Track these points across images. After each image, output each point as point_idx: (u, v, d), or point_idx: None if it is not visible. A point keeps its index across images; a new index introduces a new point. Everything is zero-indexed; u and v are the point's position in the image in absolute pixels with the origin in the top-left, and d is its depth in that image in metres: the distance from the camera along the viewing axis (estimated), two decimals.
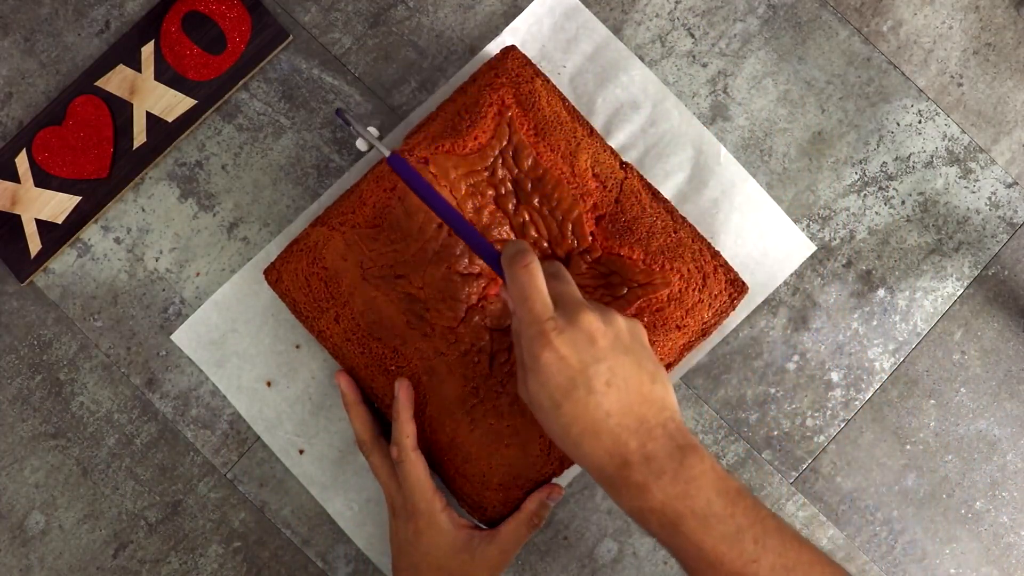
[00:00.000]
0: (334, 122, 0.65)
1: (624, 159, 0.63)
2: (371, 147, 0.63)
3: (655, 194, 0.61)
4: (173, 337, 0.65)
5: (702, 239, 0.61)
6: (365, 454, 0.58)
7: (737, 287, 0.61)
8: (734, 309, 0.61)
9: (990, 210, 0.66)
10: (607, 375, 0.46)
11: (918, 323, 0.66)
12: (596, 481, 0.48)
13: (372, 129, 0.57)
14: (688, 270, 0.60)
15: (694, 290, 0.60)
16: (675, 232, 0.60)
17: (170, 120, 0.65)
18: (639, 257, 0.60)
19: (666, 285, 0.59)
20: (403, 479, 0.56)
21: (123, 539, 0.65)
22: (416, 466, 0.56)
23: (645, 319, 0.59)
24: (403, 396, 0.58)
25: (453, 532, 0.56)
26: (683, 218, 0.61)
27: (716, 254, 0.61)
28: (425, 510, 0.56)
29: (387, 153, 0.55)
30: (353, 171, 0.65)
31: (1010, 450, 0.66)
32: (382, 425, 0.62)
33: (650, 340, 0.59)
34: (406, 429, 0.57)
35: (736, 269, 0.64)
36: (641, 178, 0.61)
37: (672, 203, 0.62)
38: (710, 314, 0.60)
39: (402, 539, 0.57)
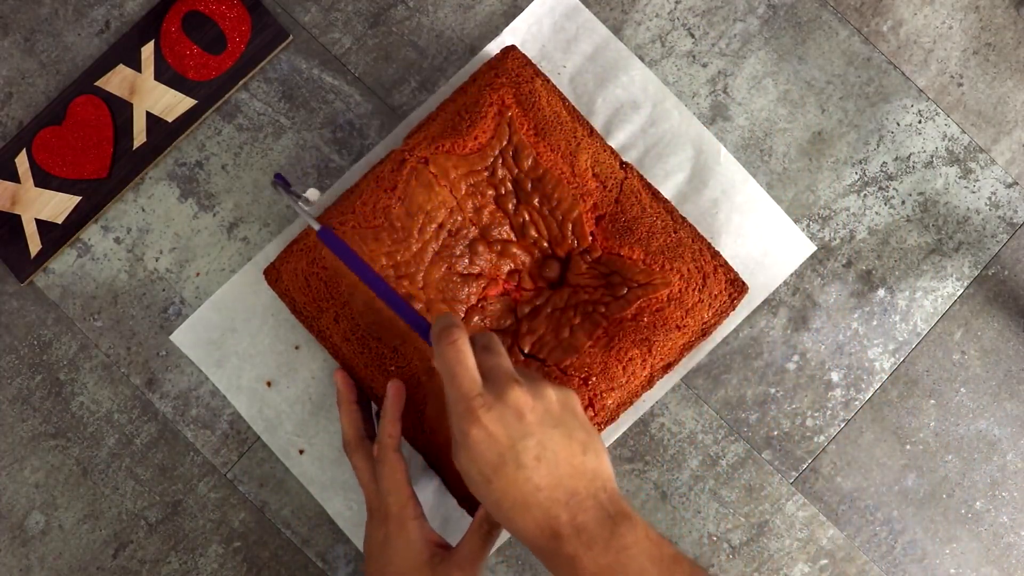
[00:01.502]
0: (271, 186, 0.65)
1: (624, 159, 0.63)
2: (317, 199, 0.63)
3: (655, 194, 0.61)
4: (173, 337, 0.65)
5: (702, 239, 0.61)
6: (348, 453, 0.58)
7: (737, 287, 0.61)
8: (734, 309, 0.61)
9: (990, 210, 0.66)
10: (536, 450, 0.46)
11: (918, 323, 0.66)
12: (532, 553, 0.48)
13: (313, 191, 0.57)
14: (688, 270, 0.60)
15: (694, 290, 0.60)
16: (675, 232, 0.60)
17: (170, 120, 0.65)
18: (639, 257, 0.60)
19: (666, 285, 0.59)
20: (380, 479, 0.56)
21: (123, 539, 0.65)
22: (395, 468, 0.56)
23: (645, 319, 0.59)
24: (392, 396, 0.57)
25: (419, 544, 0.55)
26: (683, 218, 0.61)
27: (716, 254, 0.61)
28: (397, 515, 0.55)
29: (317, 227, 0.55)
30: (353, 171, 0.65)
31: (1010, 450, 0.66)
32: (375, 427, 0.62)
33: (650, 340, 0.59)
34: (390, 429, 0.56)
35: (736, 269, 0.64)
36: (641, 178, 0.61)
37: (672, 203, 0.62)
38: (710, 314, 0.60)
39: (372, 543, 0.56)
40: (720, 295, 0.60)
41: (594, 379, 0.59)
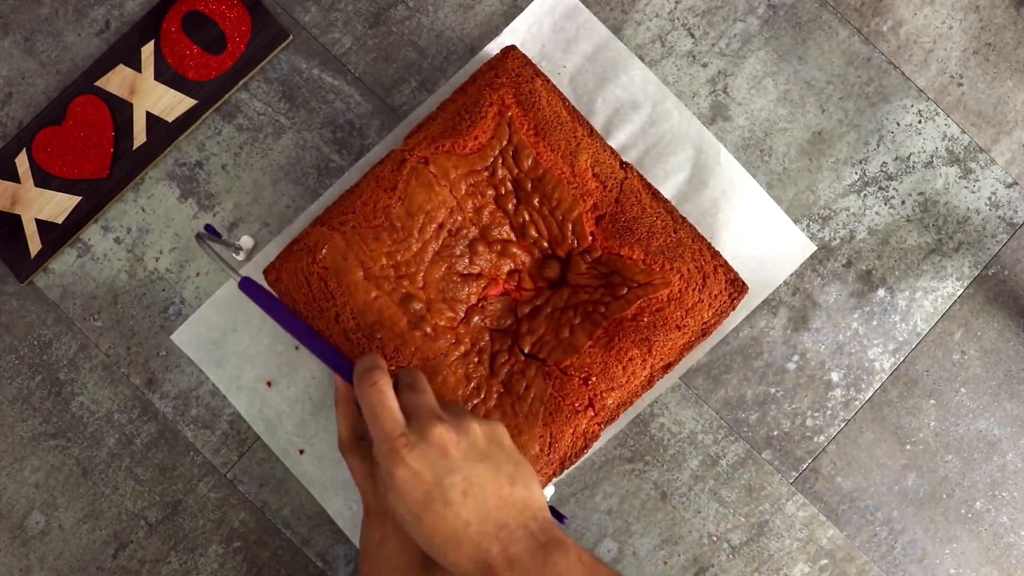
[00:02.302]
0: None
1: (624, 159, 0.63)
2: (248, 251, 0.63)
3: (655, 194, 0.61)
4: (173, 337, 0.65)
5: (702, 239, 0.61)
6: (344, 452, 0.58)
7: (737, 287, 0.61)
8: (734, 309, 0.61)
9: (990, 210, 0.66)
10: (463, 485, 0.47)
11: (918, 323, 0.66)
12: None
13: (247, 239, 0.57)
14: (688, 270, 0.60)
15: (694, 290, 0.60)
16: (675, 232, 0.60)
17: (170, 120, 0.65)
18: (639, 257, 0.60)
19: (666, 285, 0.59)
20: (379, 478, 0.56)
21: (123, 539, 0.65)
22: None
23: (645, 319, 0.59)
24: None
25: (415, 544, 0.55)
26: (683, 218, 0.61)
27: (716, 254, 0.61)
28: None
29: (237, 278, 0.55)
30: (353, 171, 0.65)
31: (1010, 450, 0.66)
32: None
33: (650, 340, 0.59)
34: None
35: (736, 269, 0.64)
36: (641, 178, 0.61)
37: (672, 203, 0.62)
38: (710, 314, 0.60)
39: (369, 543, 0.56)
40: (720, 295, 0.60)
41: (594, 379, 0.59)
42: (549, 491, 0.63)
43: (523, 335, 0.60)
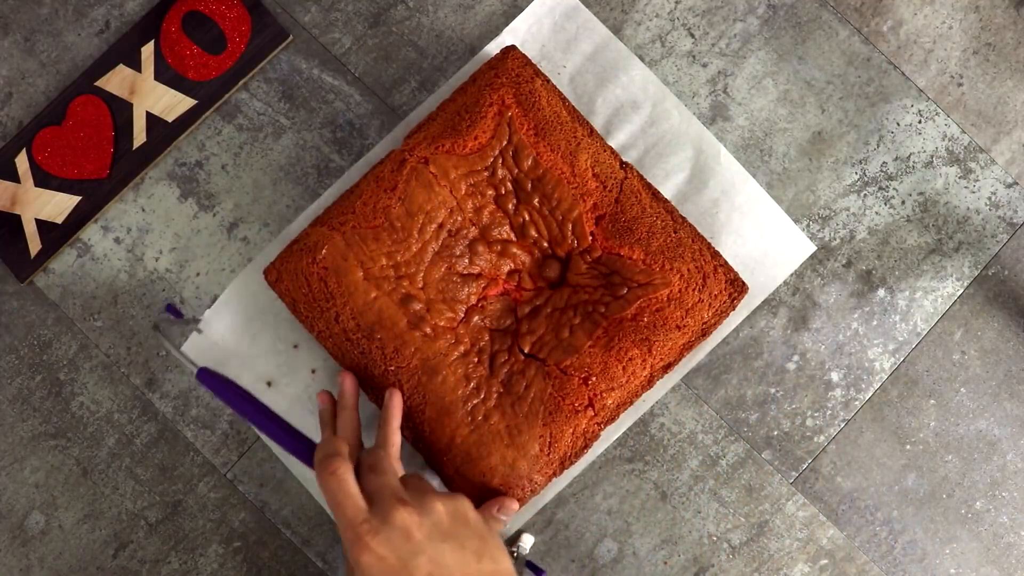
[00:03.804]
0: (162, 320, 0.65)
1: (624, 159, 0.63)
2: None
3: (655, 194, 0.61)
4: None
5: (702, 239, 0.61)
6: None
7: (737, 287, 0.61)
8: (734, 309, 0.61)
9: (990, 210, 0.66)
10: (428, 566, 0.47)
11: (918, 323, 0.66)
12: None
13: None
14: (688, 270, 0.60)
15: (694, 290, 0.60)
16: (675, 232, 0.60)
17: (170, 120, 0.65)
18: (639, 257, 0.60)
19: (666, 285, 0.59)
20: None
21: (123, 539, 0.65)
22: (396, 476, 0.55)
23: (645, 319, 0.59)
24: (394, 406, 0.57)
25: None
26: (683, 218, 0.61)
27: (716, 254, 0.61)
28: None
29: (195, 369, 0.56)
30: (353, 171, 0.65)
31: (1010, 450, 0.66)
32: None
33: (650, 340, 0.59)
34: (393, 438, 0.57)
35: (736, 269, 0.64)
36: (641, 178, 0.61)
37: (672, 203, 0.62)
38: (710, 314, 0.60)
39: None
40: (720, 295, 0.60)
41: (594, 379, 0.59)
42: (528, 541, 0.63)
43: (523, 335, 0.60)
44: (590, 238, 0.61)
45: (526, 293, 0.62)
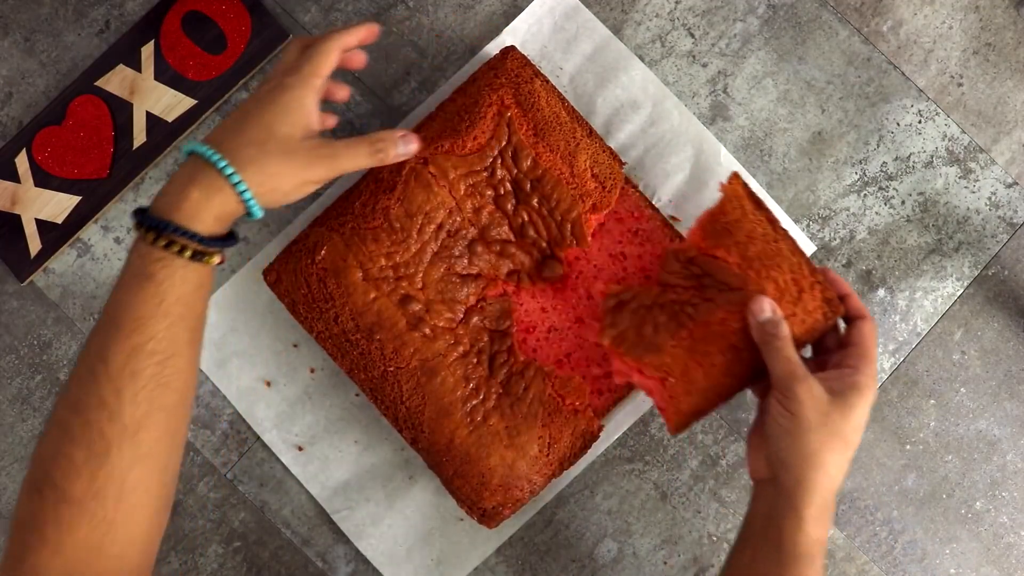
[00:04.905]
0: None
1: (624, 159, 0.63)
2: None
3: (758, 203, 0.56)
4: None
5: (802, 253, 0.55)
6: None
7: (833, 307, 0.54)
8: (828, 330, 0.55)
9: (990, 210, 0.66)
10: None
11: (918, 323, 0.66)
12: None
13: None
14: (784, 281, 0.54)
15: (788, 302, 0.54)
16: (775, 241, 0.55)
17: (170, 120, 0.65)
18: (735, 261, 0.55)
19: (760, 292, 0.53)
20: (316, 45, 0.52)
21: None
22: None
23: (734, 325, 0.54)
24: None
25: (310, 109, 0.51)
26: (785, 231, 0.56)
27: (815, 271, 0.55)
28: (308, 73, 0.51)
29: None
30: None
31: (1010, 450, 0.66)
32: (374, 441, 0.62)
33: (737, 347, 0.54)
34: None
35: None
36: (745, 186, 0.56)
37: (773, 214, 0.56)
38: (802, 330, 0.54)
39: (254, 95, 0.51)
40: (815, 312, 0.54)
41: (672, 380, 0.55)
42: None
43: (605, 328, 0.57)
44: (590, 239, 0.60)
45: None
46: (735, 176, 0.56)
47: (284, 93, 0.50)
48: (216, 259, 0.47)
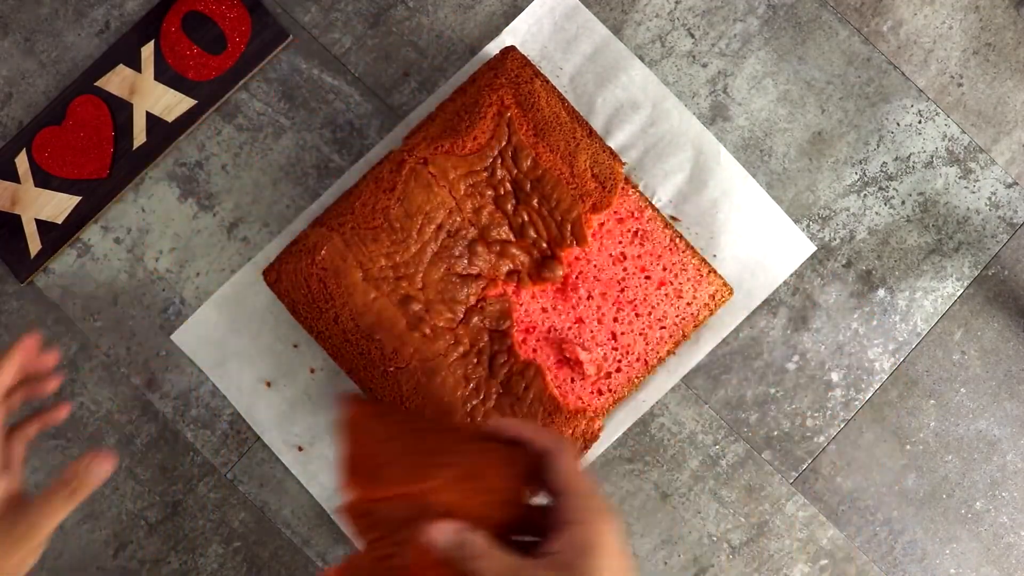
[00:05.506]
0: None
1: (624, 159, 0.63)
2: None
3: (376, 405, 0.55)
4: (173, 337, 0.65)
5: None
6: None
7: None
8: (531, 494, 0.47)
9: (990, 210, 0.66)
10: None
11: (918, 323, 0.66)
12: None
13: None
14: (449, 479, 0.45)
15: (468, 492, 0.45)
16: (427, 432, 0.49)
17: (170, 120, 0.65)
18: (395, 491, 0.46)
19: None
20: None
21: (123, 539, 0.65)
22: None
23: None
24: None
25: None
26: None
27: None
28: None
29: None
30: (353, 171, 0.65)
31: (1010, 450, 0.66)
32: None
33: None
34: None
35: (737, 269, 0.63)
36: (361, 404, 0.50)
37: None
38: (498, 512, 0.46)
39: None
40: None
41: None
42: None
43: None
44: (590, 238, 0.61)
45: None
46: (349, 400, 0.50)
47: None
48: None
